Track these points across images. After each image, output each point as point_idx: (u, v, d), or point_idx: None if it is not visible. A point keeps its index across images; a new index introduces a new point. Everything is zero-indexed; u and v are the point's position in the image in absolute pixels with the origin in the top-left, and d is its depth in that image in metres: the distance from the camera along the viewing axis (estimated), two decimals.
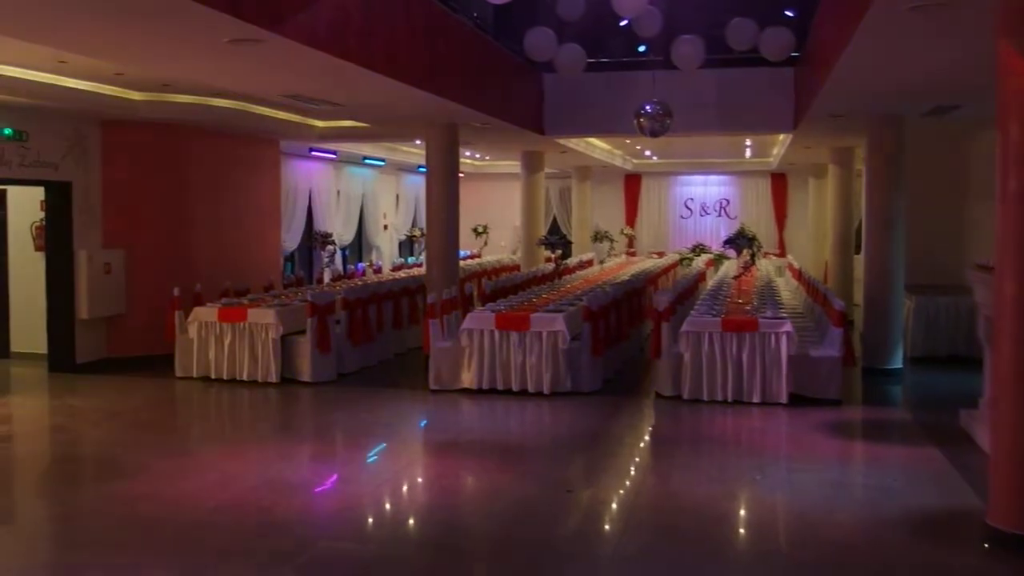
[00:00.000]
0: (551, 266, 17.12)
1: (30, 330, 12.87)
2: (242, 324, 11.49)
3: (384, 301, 13.31)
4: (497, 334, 10.79)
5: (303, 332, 11.53)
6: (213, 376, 11.56)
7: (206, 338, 11.64)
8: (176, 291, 11.96)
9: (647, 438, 9.33)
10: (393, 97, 10.16)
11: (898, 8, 6.43)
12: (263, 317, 11.46)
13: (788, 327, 10.19)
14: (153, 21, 6.13)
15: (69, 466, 8.23)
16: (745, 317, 10.54)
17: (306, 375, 11.46)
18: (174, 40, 6.70)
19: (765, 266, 19.51)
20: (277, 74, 8.46)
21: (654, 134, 11.90)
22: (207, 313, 11.67)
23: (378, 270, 18.54)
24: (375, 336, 12.83)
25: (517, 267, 20.52)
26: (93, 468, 8.08)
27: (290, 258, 18.28)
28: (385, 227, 22.39)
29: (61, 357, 12.38)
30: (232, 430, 9.91)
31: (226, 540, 6.02)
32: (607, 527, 6.48)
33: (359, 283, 14.64)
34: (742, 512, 6.87)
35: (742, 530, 6.48)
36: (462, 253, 23.09)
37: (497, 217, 25.58)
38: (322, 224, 18.49)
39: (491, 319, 10.86)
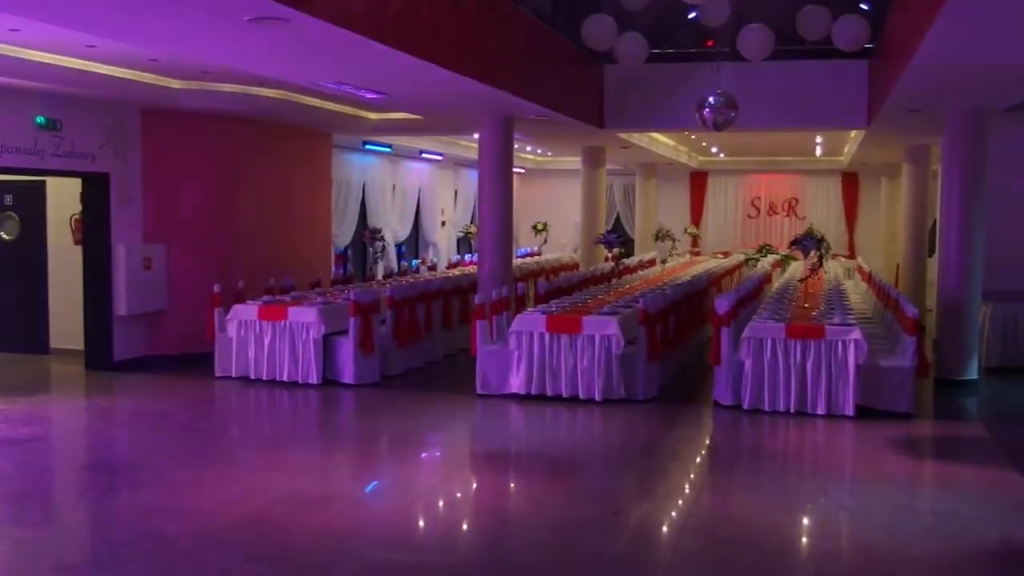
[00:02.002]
0: (610, 265, 16.48)
1: (69, 326, 12.65)
2: (283, 323, 11.09)
3: (433, 300, 12.83)
4: (547, 337, 10.24)
5: (347, 332, 11.09)
6: (252, 376, 11.17)
7: (246, 337, 11.25)
8: (217, 288, 11.60)
9: (703, 452, 8.70)
10: (439, 86, 9.62)
11: None
12: (304, 316, 11.04)
13: (857, 334, 9.49)
14: None
15: (87, 474, 7.85)
16: (811, 323, 9.85)
17: (348, 377, 11.01)
18: (188, 18, 6.24)
19: (834, 268, 18.69)
20: (306, 57, 7.98)
21: (718, 127, 11.27)
22: (247, 311, 11.29)
23: (433, 267, 18.08)
24: (422, 336, 12.36)
25: (576, 265, 19.94)
26: (112, 476, 7.68)
27: (344, 255, 17.93)
28: (443, 223, 21.96)
29: (98, 354, 12.12)
30: (264, 436, 9.47)
31: (231, 562, 5.54)
32: (655, 554, 5.87)
33: (408, 281, 14.18)
34: (804, 540, 6.23)
35: (802, 564, 5.82)
36: (521, 251, 22.69)
37: (558, 214, 25.02)
38: (377, 220, 18.10)
39: (541, 321, 10.30)
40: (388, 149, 18.08)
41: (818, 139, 19.87)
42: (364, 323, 11.09)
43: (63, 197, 12.91)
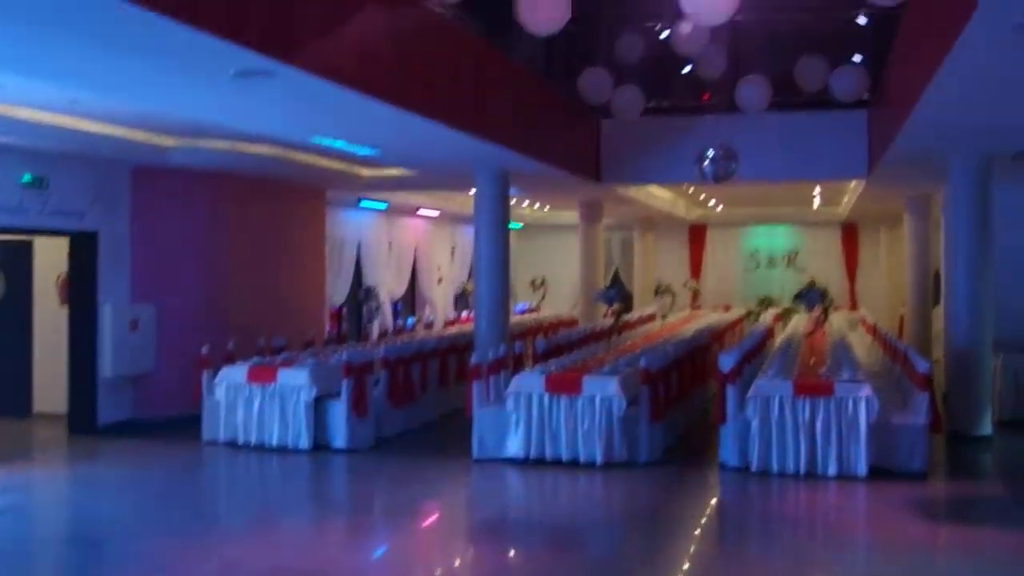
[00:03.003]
0: (610, 321, 16.17)
1: (53, 389, 12.25)
2: (272, 385, 10.74)
3: (429, 359, 12.50)
4: (547, 398, 9.89)
5: (339, 394, 10.74)
6: (240, 441, 10.78)
7: (234, 400, 10.89)
8: (205, 349, 11.28)
9: (711, 519, 8.31)
10: (431, 140, 9.40)
11: (1000, 26, 5.50)
12: (295, 378, 10.69)
13: (867, 391, 9.16)
14: (147, 52, 5.44)
15: (63, 548, 7.45)
16: (819, 380, 9.53)
17: (340, 441, 10.63)
18: (172, 72, 6.01)
19: (837, 321, 18.39)
20: (295, 112, 7.75)
21: (718, 180, 11.08)
22: (236, 373, 10.94)
23: (429, 325, 17.78)
24: (418, 397, 12.02)
25: (576, 322, 19.62)
26: (88, 551, 7.27)
27: (339, 313, 17.63)
28: (440, 280, 21.69)
29: (82, 418, 11.73)
30: (249, 506, 9.05)
31: None
32: None
33: (403, 340, 13.86)
34: None
35: None
36: (520, 307, 22.39)
37: (557, 270, 24.78)
38: (372, 277, 17.84)
39: (540, 381, 9.96)
40: (383, 206, 17.87)
41: (817, 190, 19.72)
42: (357, 384, 10.75)
43: (51, 256, 12.62)
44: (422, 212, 19.58)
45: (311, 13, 6.03)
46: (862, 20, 13.83)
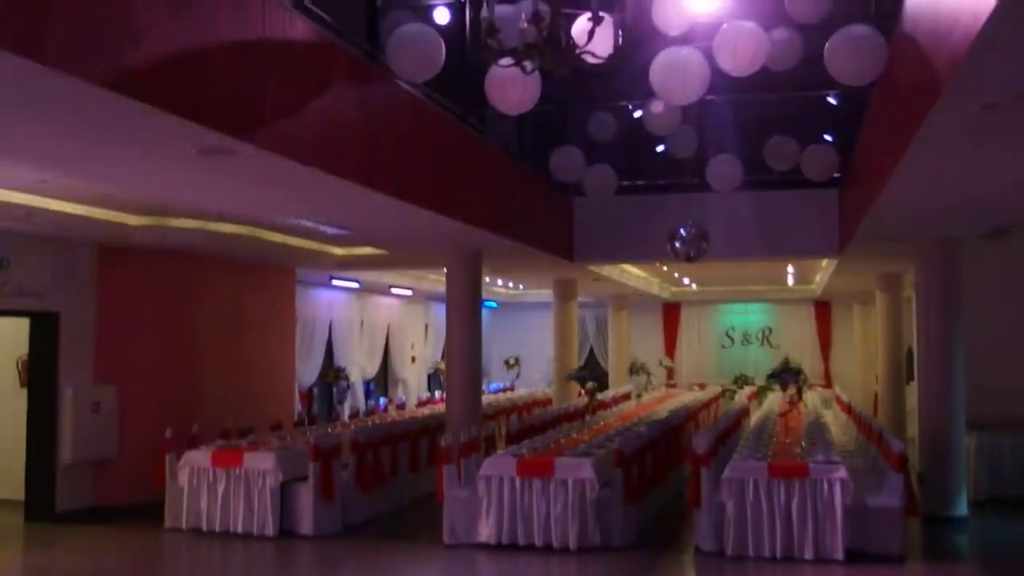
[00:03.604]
0: (584, 401, 16.00)
1: (11, 474, 11.83)
2: (238, 469, 10.45)
3: (399, 442, 12.26)
4: (518, 481, 9.66)
5: (307, 478, 10.46)
6: (204, 528, 10.44)
7: (198, 485, 10.58)
8: (168, 432, 10.99)
9: None
10: (401, 219, 9.31)
11: (967, 107, 5.49)
12: (260, 462, 10.42)
13: (842, 472, 9.02)
14: (104, 128, 5.34)
15: None
16: (794, 461, 9.38)
17: (307, 527, 10.32)
18: (131, 149, 5.90)
19: (812, 399, 18.30)
20: (261, 191, 7.65)
21: (690, 259, 11.04)
22: (200, 457, 10.65)
23: (401, 406, 17.52)
24: (388, 481, 11.75)
25: (550, 401, 19.41)
26: None
27: (310, 393, 17.36)
28: (413, 359, 21.48)
29: (39, 505, 11.33)
30: None
31: None
32: None
33: (373, 422, 13.61)
34: None
35: None
36: (494, 386, 22.18)
37: (532, 348, 24.65)
38: (344, 356, 17.62)
39: (512, 464, 9.75)
40: (356, 284, 17.74)
41: (790, 268, 19.79)
42: (325, 469, 10.49)
43: (12, 337, 12.34)
44: (395, 291, 19.45)
45: (275, 91, 5.97)
46: (832, 100, 14.01)
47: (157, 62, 4.80)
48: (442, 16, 10.42)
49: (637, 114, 12.30)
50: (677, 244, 10.90)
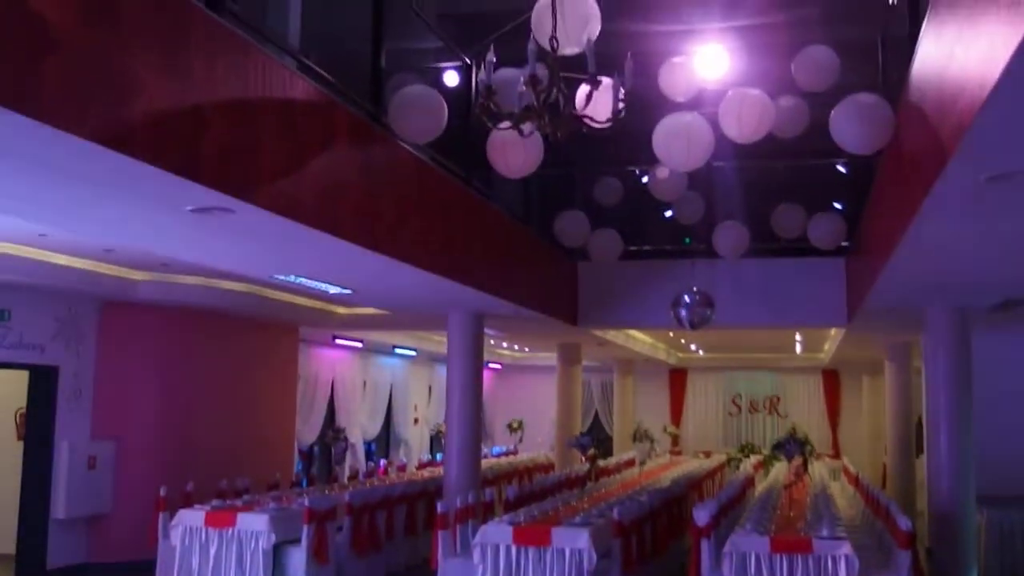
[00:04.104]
0: (586, 467, 15.78)
1: (5, 529, 11.70)
2: (231, 530, 10.26)
3: (396, 505, 12.06)
4: (515, 550, 9.42)
5: (300, 540, 10.26)
6: None
7: (190, 545, 10.36)
8: (163, 490, 10.84)
9: None
10: (400, 280, 9.23)
11: (973, 179, 5.41)
12: (254, 523, 10.22)
13: (847, 549, 8.75)
14: (97, 183, 5.30)
15: None
16: (797, 536, 9.13)
17: None
18: (125, 204, 5.85)
19: (819, 469, 18.00)
20: (258, 250, 7.58)
21: (693, 326, 10.95)
22: (193, 516, 10.45)
23: (402, 467, 17.28)
24: (383, 545, 11.53)
25: (552, 466, 19.15)
26: None
27: (310, 453, 17.17)
28: (416, 420, 21.28)
29: (30, 561, 11.18)
30: None
31: None
32: None
33: (371, 484, 13.41)
34: None
35: None
36: (496, 450, 21.93)
37: (536, 412, 24.42)
38: (346, 416, 17.45)
39: (508, 532, 9.52)
40: (360, 344, 17.65)
41: (798, 337, 19.64)
42: (319, 531, 10.29)
43: (11, 390, 12.27)
44: (399, 351, 19.34)
45: (273, 149, 5.93)
46: (842, 168, 14.01)
47: (151, 118, 4.76)
48: (451, 79, 10.49)
49: (644, 179, 12.32)
50: (681, 311, 10.83)
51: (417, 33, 10.45)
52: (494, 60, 4.75)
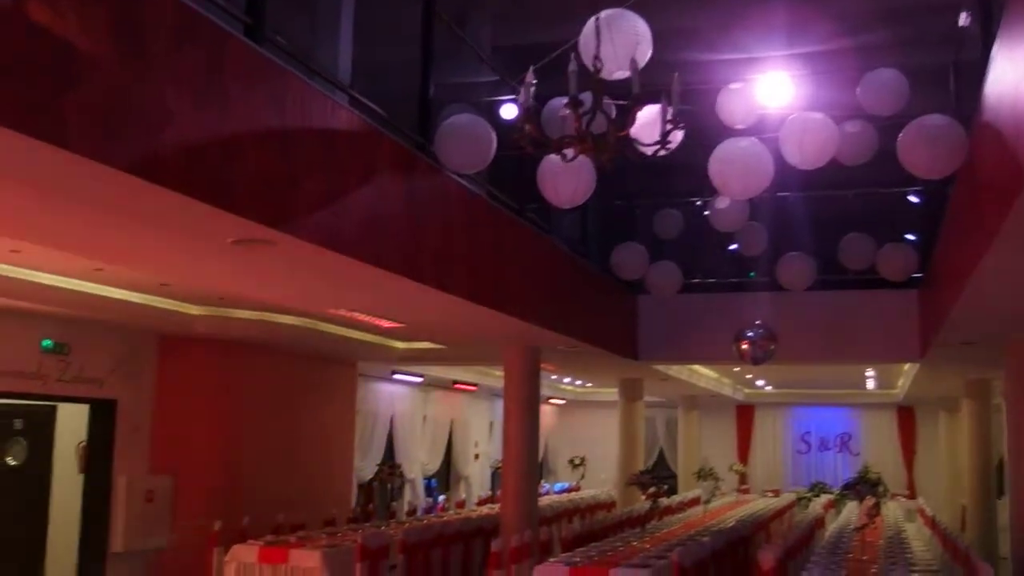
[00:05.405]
0: (648, 505, 15.37)
1: (64, 561, 11.72)
2: (283, 566, 10.14)
3: (452, 543, 11.83)
4: None
5: None
6: None
7: None
8: (218, 525, 10.78)
9: None
10: (450, 313, 9.05)
11: None
12: (306, 560, 10.09)
13: None
14: (134, 215, 5.22)
15: None
16: None
17: None
18: (166, 237, 5.77)
19: (893, 510, 17.33)
20: (304, 282, 7.47)
21: (756, 361, 10.62)
22: (246, 552, 10.37)
23: (461, 504, 17.05)
24: None
25: (613, 504, 18.74)
26: None
27: (369, 488, 17.02)
28: (476, 456, 21.03)
29: None
30: None
31: None
32: None
33: (428, 521, 13.19)
34: None
35: None
36: (559, 487, 21.59)
37: (599, 448, 24.00)
38: (405, 452, 17.29)
39: (564, 574, 9.23)
40: (419, 379, 17.51)
41: (870, 372, 19.01)
42: (372, 569, 10.11)
43: (74, 423, 12.35)
44: (459, 386, 19.16)
45: (314, 180, 5.81)
46: (914, 198, 13.53)
47: (183, 148, 4.66)
48: (508, 112, 10.35)
49: (705, 212, 12.03)
50: (744, 346, 10.48)
51: (472, 67, 10.37)
52: (534, 82, 4.56)
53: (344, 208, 6.12)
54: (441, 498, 17.00)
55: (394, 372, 16.48)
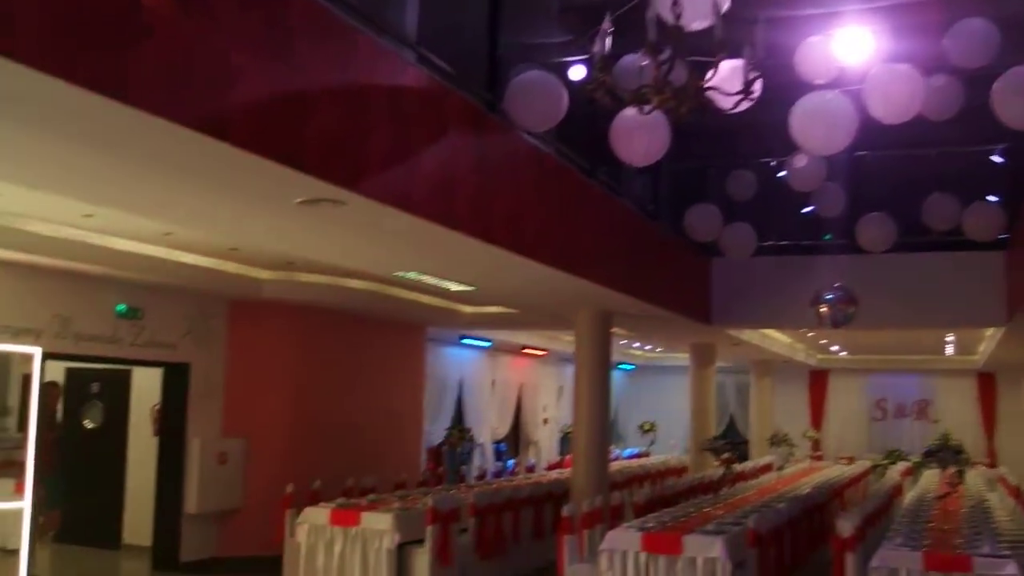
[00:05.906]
0: (720, 471, 15.16)
1: (142, 521, 11.97)
2: (355, 529, 10.17)
3: (523, 507, 11.77)
4: (644, 557, 8.98)
5: (424, 541, 10.10)
6: None
7: (315, 543, 10.32)
8: (290, 487, 10.85)
9: None
10: (521, 276, 8.92)
11: None
12: (378, 522, 10.10)
13: (1012, 569, 7.96)
14: (200, 175, 5.16)
15: None
16: (954, 553, 8.40)
17: None
18: (231, 197, 5.71)
19: (974, 479, 16.86)
20: (371, 245, 7.39)
21: (836, 325, 10.30)
22: (318, 514, 10.42)
23: (531, 468, 17.03)
24: (508, 548, 11.25)
25: (685, 470, 18.55)
26: None
27: (438, 451, 17.08)
28: (545, 421, 21.00)
29: (165, 554, 11.42)
30: None
31: None
32: None
33: (499, 485, 13.17)
34: None
35: None
36: (628, 452, 21.45)
37: (669, 413, 23.77)
38: (474, 417, 17.31)
39: (637, 539, 9.08)
40: (487, 343, 17.47)
41: (949, 337, 18.46)
42: (442, 532, 10.09)
43: (148, 386, 12.54)
44: (528, 351, 19.08)
45: (383, 139, 5.69)
46: (997, 158, 13.00)
47: (251, 105, 4.57)
48: (577, 73, 10.12)
49: (781, 173, 11.70)
50: (822, 310, 10.17)
51: (541, 26, 10.16)
52: (611, 30, 4.37)
53: (413, 167, 6.01)
54: (511, 463, 16.99)
55: (462, 337, 16.45)
